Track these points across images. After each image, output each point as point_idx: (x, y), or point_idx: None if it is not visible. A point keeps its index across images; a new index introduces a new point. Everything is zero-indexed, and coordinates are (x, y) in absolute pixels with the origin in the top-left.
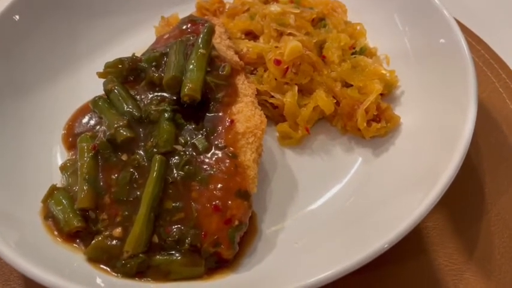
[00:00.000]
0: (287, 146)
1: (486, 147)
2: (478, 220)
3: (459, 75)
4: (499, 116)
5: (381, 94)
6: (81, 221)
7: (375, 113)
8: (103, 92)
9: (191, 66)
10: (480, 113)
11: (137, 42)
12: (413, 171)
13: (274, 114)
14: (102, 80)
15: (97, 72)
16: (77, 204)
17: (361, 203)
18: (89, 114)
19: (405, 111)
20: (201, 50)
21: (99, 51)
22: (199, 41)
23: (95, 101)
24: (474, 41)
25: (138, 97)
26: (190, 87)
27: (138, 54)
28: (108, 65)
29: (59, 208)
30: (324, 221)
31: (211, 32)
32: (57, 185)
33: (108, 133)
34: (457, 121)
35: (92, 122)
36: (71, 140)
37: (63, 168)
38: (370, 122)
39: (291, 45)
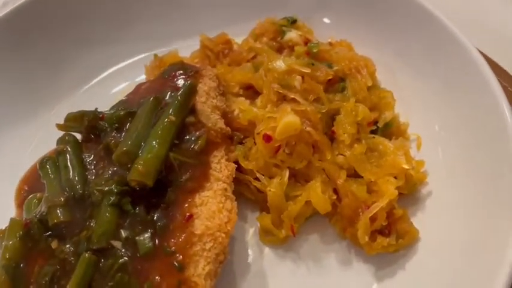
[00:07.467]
0: (268, 243)
1: None
2: None
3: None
4: None
5: (400, 193)
6: None
7: (383, 223)
8: None
9: (152, 141)
10: None
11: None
12: None
13: (259, 200)
14: None
15: (56, 124)
16: None
17: None
18: None
19: (431, 220)
20: (170, 117)
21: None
22: (172, 104)
23: (42, 163)
24: None
25: (92, 165)
26: (139, 171)
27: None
28: (68, 118)
29: None
30: None
31: (190, 92)
32: None
33: (42, 210)
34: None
35: None
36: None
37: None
38: (375, 233)
39: (285, 121)
